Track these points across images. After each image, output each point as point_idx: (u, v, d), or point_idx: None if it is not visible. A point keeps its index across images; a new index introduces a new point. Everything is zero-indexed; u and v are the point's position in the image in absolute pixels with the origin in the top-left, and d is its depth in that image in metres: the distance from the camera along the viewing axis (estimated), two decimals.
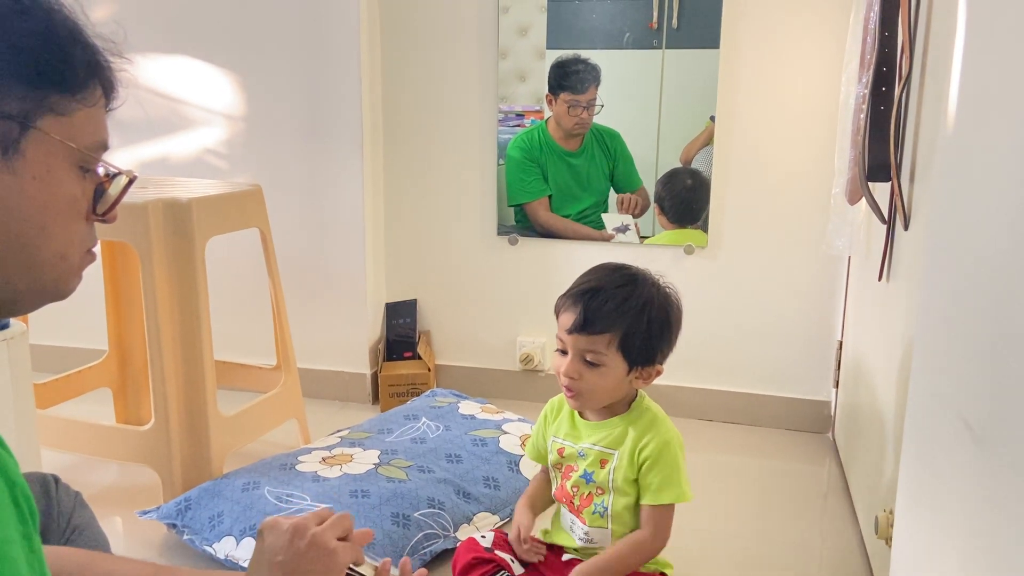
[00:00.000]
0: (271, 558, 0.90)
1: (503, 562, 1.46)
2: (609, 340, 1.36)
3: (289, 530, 0.91)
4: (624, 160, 2.35)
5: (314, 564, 0.90)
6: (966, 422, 0.89)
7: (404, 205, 2.56)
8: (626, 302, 1.36)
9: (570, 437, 1.47)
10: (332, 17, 2.36)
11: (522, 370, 2.55)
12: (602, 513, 1.41)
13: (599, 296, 1.37)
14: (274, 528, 0.92)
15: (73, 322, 2.53)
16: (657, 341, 1.38)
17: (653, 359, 1.39)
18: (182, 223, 1.78)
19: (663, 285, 1.42)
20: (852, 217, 1.90)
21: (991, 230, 0.86)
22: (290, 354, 2.12)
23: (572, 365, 1.38)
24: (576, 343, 1.37)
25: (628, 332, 1.36)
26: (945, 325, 1.02)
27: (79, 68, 0.69)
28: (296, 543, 0.90)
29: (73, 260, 0.73)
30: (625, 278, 1.40)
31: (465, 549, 1.50)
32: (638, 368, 1.39)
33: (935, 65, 1.35)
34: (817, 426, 2.37)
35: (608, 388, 1.39)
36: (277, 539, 0.91)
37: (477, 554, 1.47)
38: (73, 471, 2.03)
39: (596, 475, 1.42)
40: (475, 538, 1.51)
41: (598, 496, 1.42)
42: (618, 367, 1.37)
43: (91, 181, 0.73)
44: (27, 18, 0.66)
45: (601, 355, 1.37)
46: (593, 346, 1.36)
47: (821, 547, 1.79)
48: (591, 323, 1.36)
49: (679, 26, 2.24)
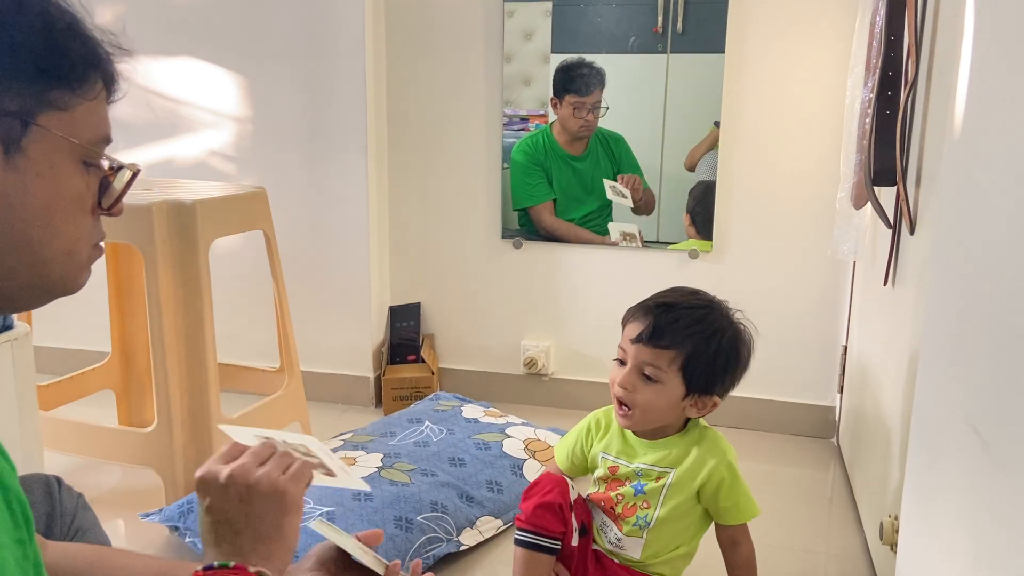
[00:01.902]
0: (218, 518, 0.83)
1: (568, 528, 1.38)
2: (673, 357, 1.33)
3: (227, 483, 0.82)
4: (628, 164, 2.35)
5: (266, 509, 0.83)
6: (973, 427, 0.88)
7: (408, 208, 2.56)
8: (698, 323, 1.34)
9: (624, 455, 1.43)
10: (338, 21, 2.36)
11: (526, 374, 2.54)
12: (643, 526, 1.39)
13: (673, 311, 1.34)
14: (212, 484, 0.83)
15: (76, 324, 2.53)
16: (721, 372, 1.35)
17: (712, 389, 1.36)
18: (186, 225, 1.78)
19: (738, 321, 1.39)
20: (857, 222, 1.89)
21: (998, 235, 0.85)
22: (293, 357, 2.11)
23: (629, 376, 1.35)
24: (639, 354, 1.34)
25: (693, 354, 1.33)
26: (952, 330, 1.02)
27: (78, 62, 0.68)
28: (241, 494, 0.82)
29: (81, 255, 0.72)
30: (701, 301, 1.38)
31: (555, 483, 1.39)
32: (695, 395, 1.36)
33: (941, 69, 1.34)
34: (822, 431, 2.36)
35: (661, 408, 1.36)
36: (218, 497, 0.83)
37: (557, 499, 1.36)
38: (76, 473, 2.03)
39: (648, 488, 1.40)
40: (568, 485, 1.41)
41: (643, 509, 1.40)
42: (675, 388, 1.34)
43: (95, 175, 0.73)
44: (23, 13, 0.65)
45: (661, 371, 1.34)
46: (656, 360, 1.34)
47: (826, 553, 1.78)
48: (659, 336, 1.33)
49: (684, 30, 2.24)
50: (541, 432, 2.13)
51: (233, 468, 0.84)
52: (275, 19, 2.40)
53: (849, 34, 2.10)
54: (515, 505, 1.85)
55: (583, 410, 2.48)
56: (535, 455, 2.01)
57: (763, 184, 2.29)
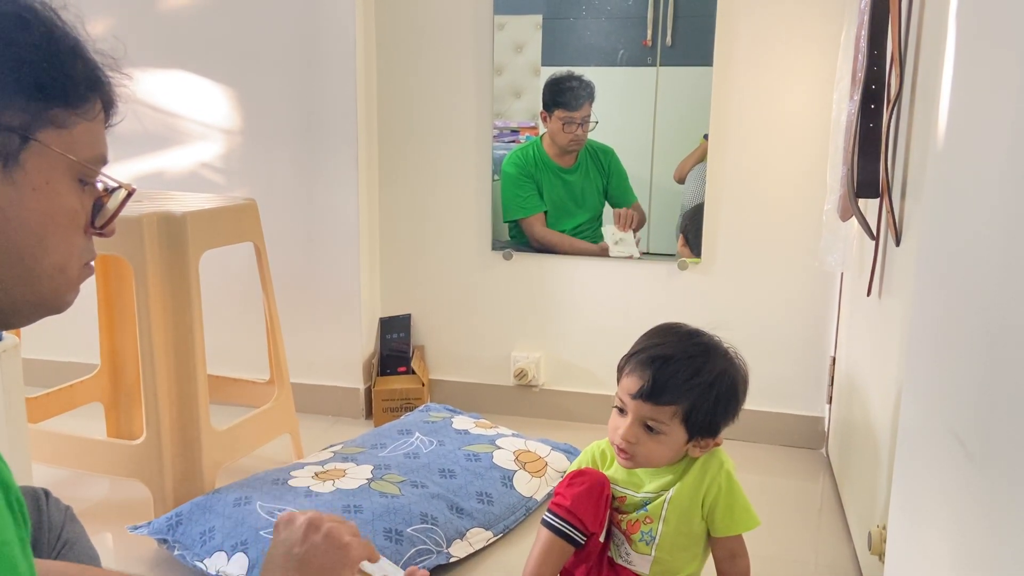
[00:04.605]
0: (287, 550, 0.93)
1: (599, 529, 1.39)
2: (674, 412, 1.33)
3: (304, 523, 0.94)
4: (618, 176, 2.36)
5: (328, 556, 0.93)
6: (958, 438, 0.89)
7: (399, 220, 2.56)
8: (697, 375, 1.33)
9: (630, 485, 1.44)
10: (328, 33, 2.37)
11: (516, 385, 2.54)
12: (648, 541, 1.40)
13: (670, 365, 1.33)
14: (290, 523, 0.95)
15: (65, 336, 2.52)
16: (722, 416, 1.36)
17: (716, 432, 1.37)
18: (176, 237, 1.78)
19: (734, 356, 1.39)
20: (844, 233, 1.91)
21: (981, 246, 0.86)
22: (283, 368, 2.11)
23: (631, 430, 1.35)
24: (639, 409, 1.34)
25: (694, 406, 1.33)
26: (936, 341, 1.03)
27: (79, 82, 0.70)
28: (311, 536, 0.94)
29: (71, 273, 0.73)
30: (698, 348, 1.36)
31: (599, 479, 1.40)
32: (697, 438, 1.37)
33: (925, 83, 1.36)
34: (810, 442, 2.37)
35: (664, 455, 1.37)
36: (292, 533, 0.94)
37: (598, 495, 1.38)
38: (64, 486, 2.02)
39: (651, 506, 1.40)
40: (609, 485, 1.42)
41: (646, 524, 1.40)
42: (678, 437, 1.35)
43: (90, 194, 0.74)
44: (28, 32, 0.67)
45: (663, 424, 1.34)
46: (657, 415, 1.34)
47: (815, 563, 1.79)
48: (659, 393, 1.32)
49: (673, 44, 2.26)
50: (531, 443, 2.13)
51: (311, 515, 0.97)
52: (265, 31, 2.41)
53: (835, 48, 2.12)
54: (505, 516, 1.85)
55: (573, 421, 2.51)
56: (525, 466, 2.01)
57: (751, 196, 2.31)
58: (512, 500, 1.90)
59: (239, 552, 1.61)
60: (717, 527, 1.40)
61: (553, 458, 2.09)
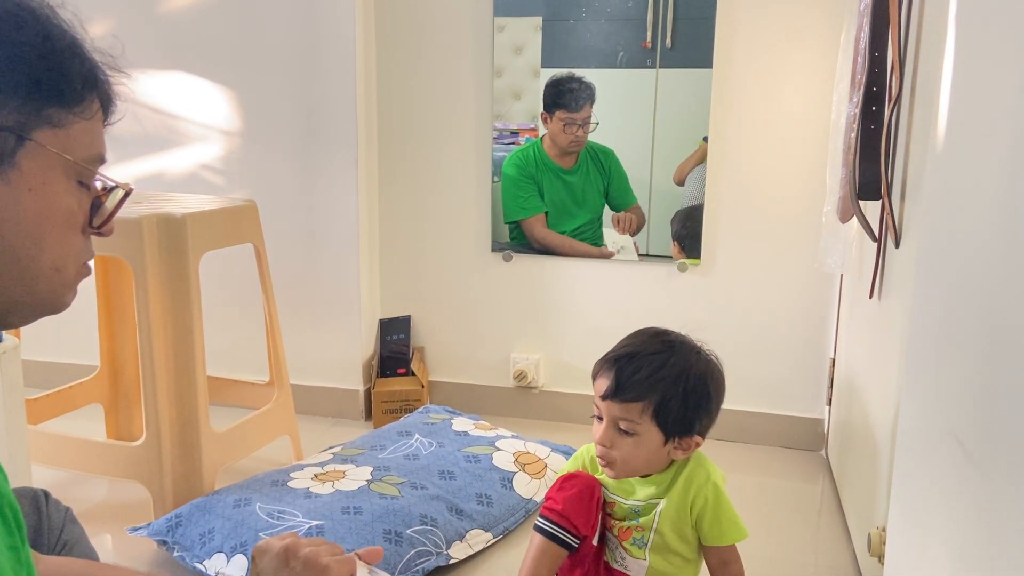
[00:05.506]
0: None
1: (592, 532, 1.39)
2: (643, 408, 1.32)
3: (282, 552, 0.91)
4: (618, 177, 2.36)
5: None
6: (957, 439, 0.89)
7: (399, 221, 2.56)
8: (660, 370, 1.32)
9: (620, 491, 1.43)
10: (328, 34, 2.37)
11: (516, 387, 2.54)
12: (641, 545, 1.40)
13: (633, 362, 1.33)
14: (266, 551, 0.92)
15: (65, 337, 2.52)
16: (695, 411, 1.34)
17: (691, 430, 1.35)
18: (176, 238, 1.78)
19: (705, 353, 1.38)
20: (844, 235, 1.91)
21: (981, 248, 0.86)
22: (283, 370, 2.11)
23: (606, 433, 1.35)
24: (610, 410, 1.34)
25: (663, 401, 1.32)
26: (936, 343, 1.03)
27: (76, 81, 0.69)
28: (291, 564, 0.91)
29: (68, 273, 0.73)
30: (663, 345, 1.36)
31: (590, 482, 1.40)
32: (675, 439, 1.35)
33: (925, 85, 1.36)
34: (810, 444, 2.37)
35: (643, 458, 1.36)
36: (270, 562, 0.91)
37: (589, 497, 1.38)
38: (64, 487, 2.02)
39: (641, 514, 1.40)
40: (600, 489, 1.42)
41: (637, 532, 1.40)
42: (653, 437, 1.34)
43: (88, 194, 0.73)
44: (25, 31, 0.66)
45: (635, 423, 1.33)
46: (627, 414, 1.33)
47: (815, 565, 1.78)
48: (623, 390, 1.32)
49: (673, 46, 2.26)
50: (531, 445, 2.13)
51: (288, 541, 0.93)
52: (265, 33, 2.41)
53: (834, 50, 2.12)
54: (505, 518, 1.85)
55: (573, 423, 2.51)
56: (524, 468, 2.01)
57: (751, 197, 2.31)
58: (512, 502, 1.90)
59: (239, 553, 1.61)
60: (705, 537, 1.39)
61: (553, 460, 2.09)
